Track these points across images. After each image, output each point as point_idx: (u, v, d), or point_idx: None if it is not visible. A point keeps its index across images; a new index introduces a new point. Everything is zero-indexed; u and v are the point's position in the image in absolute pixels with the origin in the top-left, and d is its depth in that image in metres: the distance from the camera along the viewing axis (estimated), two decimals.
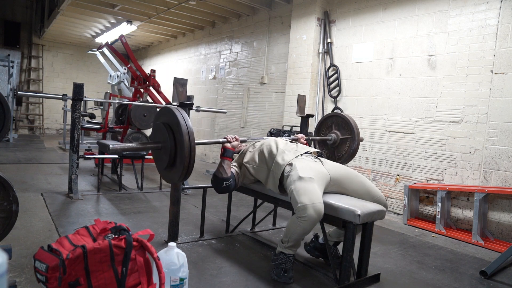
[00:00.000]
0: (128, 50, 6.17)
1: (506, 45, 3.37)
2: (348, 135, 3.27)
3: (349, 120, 3.27)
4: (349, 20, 4.81)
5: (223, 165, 2.42)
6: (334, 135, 3.33)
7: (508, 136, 3.34)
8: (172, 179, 2.18)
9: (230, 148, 2.48)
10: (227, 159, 2.45)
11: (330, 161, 2.48)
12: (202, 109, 4.66)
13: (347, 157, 3.27)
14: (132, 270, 1.55)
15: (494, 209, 3.42)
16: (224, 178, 2.41)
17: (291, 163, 2.30)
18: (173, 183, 2.70)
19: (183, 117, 2.05)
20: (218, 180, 2.43)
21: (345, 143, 3.30)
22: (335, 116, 3.43)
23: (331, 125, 3.41)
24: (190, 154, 1.99)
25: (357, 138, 3.22)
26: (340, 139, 3.30)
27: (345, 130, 3.30)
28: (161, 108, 2.24)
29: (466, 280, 2.49)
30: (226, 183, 2.42)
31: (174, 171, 2.10)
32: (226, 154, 2.46)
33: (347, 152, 3.27)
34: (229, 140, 2.50)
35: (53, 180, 4.54)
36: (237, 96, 6.78)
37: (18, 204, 1.72)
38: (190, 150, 1.99)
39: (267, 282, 2.20)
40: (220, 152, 2.50)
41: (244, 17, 6.76)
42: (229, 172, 2.43)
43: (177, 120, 2.03)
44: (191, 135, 2.01)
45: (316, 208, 2.02)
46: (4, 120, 1.80)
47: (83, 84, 3.83)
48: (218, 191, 2.51)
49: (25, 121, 10.29)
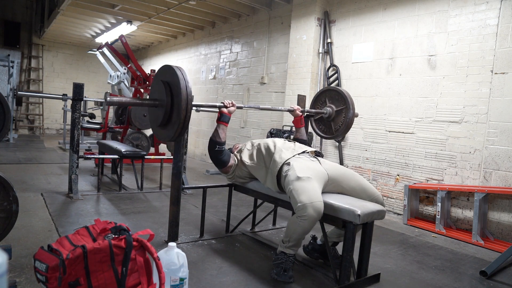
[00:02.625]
0: (128, 50, 6.17)
1: (506, 45, 3.37)
2: (343, 105, 3.26)
3: (342, 91, 3.25)
4: (349, 20, 4.81)
5: (219, 129, 2.53)
6: (329, 108, 3.32)
7: (508, 136, 3.34)
8: (167, 135, 2.28)
9: (226, 113, 2.57)
10: (223, 123, 2.55)
11: (328, 161, 2.50)
12: (202, 109, 4.66)
13: (343, 128, 3.25)
14: (132, 270, 1.54)
15: (494, 209, 3.42)
16: (218, 141, 2.51)
17: (289, 162, 2.31)
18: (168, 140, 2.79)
19: (182, 74, 2.17)
20: (212, 143, 2.54)
21: (341, 115, 3.27)
22: (328, 90, 3.39)
23: (325, 100, 3.38)
24: (187, 108, 2.12)
25: (352, 107, 3.19)
26: (335, 111, 3.29)
27: (339, 102, 3.29)
28: (161, 67, 2.38)
29: (466, 280, 2.49)
30: (219, 147, 2.52)
31: (170, 127, 2.23)
32: (223, 118, 2.55)
33: (343, 122, 3.25)
34: (225, 105, 2.58)
35: (53, 180, 4.54)
36: (237, 96, 6.78)
37: (18, 204, 1.72)
38: (187, 104, 2.12)
39: (267, 282, 2.20)
40: (217, 117, 2.58)
41: (244, 17, 6.76)
42: (223, 137, 2.53)
43: (176, 77, 2.14)
44: (189, 90, 2.13)
45: (315, 207, 2.03)
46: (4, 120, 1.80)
47: (83, 84, 3.83)
48: (211, 155, 2.59)
49: (25, 121, 10.29)
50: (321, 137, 3.55)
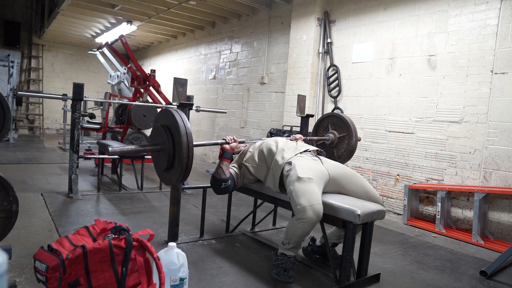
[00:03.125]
0: (128, 50, 6.17)
1: (506, 45, 3.37)
2: (345, 132, 3.27)
3: (344, 118, 3.27)
4: (349, 20, 4.81)
5: (222, 166, 2.42)
6: (332, 135, 3.33)
7: (508, 136, 3.34)
8: (170, 180, 2.19)
9: (228, 149, 2.48)
10: (225, 160, 2.45)
11: (330, 160, 2.48)
12: (202, 109, 4.66)
13: (346, 155, 3.27)
14: (132, 270, 1.54)
15: (494, 209, 3.42)
16: (222, 179, 2.41)
17: (290, 161, 2.30)
18: (172, 185, 2.70)
19: (182, 118, 2.06)
20: (216, 181, 2.43)
21: (343, 141, 3.29)
22: (331, 116, 3.43)
23: (328, 126, 3.40)
24: (188, 155, 2.00)
25: (355, 134, 3.21)
26: (337, 137, 3.30)
27: (342, 128, 3.31)
28: (161, 111, 2.25)
29: (466, 280, 2.49)
30: (224, 184, 2.41)
31: (173, 172, 2.11)
32: (225, 155, 2.46)
33: (346, 149, 3.27)
34: (227, 142, 2.50)
35: (53, 180, 4.54)
36: (237, 96, 6.78)
37: (18, 204, 1.72)
38: (188, 152, 2.00)
39: (267, 282, 2.20)
40: (219, 154, 2.50)
41: (244, 17, 6.76)
42: (227, 173, 2.42)
43: (175, 122, 2.04)
44: (189, 137, 2.01)
45: (315, 210, 2.03)
46: (4, 120, 1.80)
47: (83, 84, 3.83)
48: (216, 192, 2.50)
49: (25, 121, 10.29)
50: None
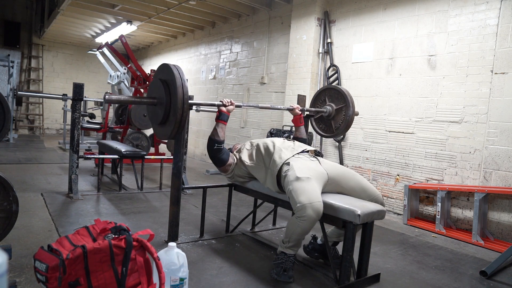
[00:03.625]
0: (128, 50, 6.17)
1: (506, 45, 3.37)
2: (342, 103, 3.25)
3: (341, 89, 3.26)
4: (349, 20, 4.81)
5: (217, 127, 2.52)
6: (329, 107, 3.32)
7: (508, 136, 3.34)
8: (165, 133, 2.28)
9: (225, 111, 2.56)
10: (221, 122, 2.54)
11: (328, 161, 2.50)
12: (202, 109, 4.66)
13: (344, 127, 3.25)
14: (132, 270, 1.55)
15: (494, 209, 3.42)
16: (217, 140, 2.51)
17: (288, 162, 2.31)
18: (166, 139, 2.78)
19: (179, 72, 2.18)
20: (211, 141, 2.53)
21: (341, 113, 3.27)
22: (328, 89, 3.40)
23: (325, 99, 3.38)
24: (183, 107, 2.10)
25: (352, 105, 3.19)
26: (335, 109, 3.29)
27: (339, 100, 3.29)
28: (160, 65, 2.37)
29: (466, 280, 2.49)
30: (218, 145, 2.51)
31: (168, 126, 2.22)
32: (221, 117, 2.55)
33: (343, 121, 3.25)
34: (224, 104, 2.58)
35: (53, 180, 4.54)
36: (237, 96, 6.78)
37: (18, 204, 1.72)
38: (183, 103, 2.10)
39: (267, 282, 2.20)
40: (216, 115, 2.57)
41: (244, 17, 6.76)
42: (222, 136, 2.53)
43: (172, 75, 2.14)
44: (185, 89, 2.12)
45: (314, 208, 2.03)
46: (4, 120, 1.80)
47: (83, 84, 3.83)
48: (210, 154, 2.58)
49: (25, 121, 10.29)
50: (321, 136, 3.55)
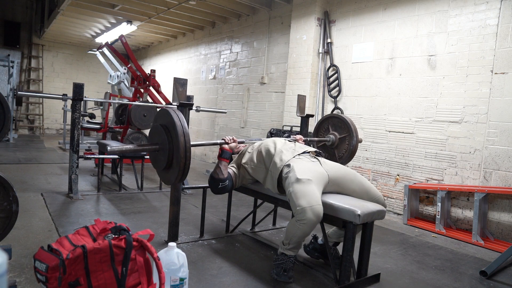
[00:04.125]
0: (128, 50, 6.17)
1: (506, 45, 3.37)
2: (346, 133, 3.27)
3: (345, 118, 3.28)
4: (349, 20, 4.81)
5: (220, 166, 2.43)
6: (332, 136, 3.34)
7: (508, 136, 3.34)
8: (169, 180, 2.20)
9: (227, 149, 2.48)
10: (224, 160, 2.45)
11: (329, 161, 2.48)
12: (202, 109, 4.66)
13: (347, 156, 3.27)
14: (132, 270, 1.54)
15: (494, 209, 3.42)
16: (220, 179, 2.41)
17: (289, 164, 2.29)
18: (170, 184, 2.71)
19: (179, 118, 2.08)
20: (214, 181, 2.44)
21: (344, 142, 3.30)
22: (331, 117, 3.43)
23: (328, 127, 3.41)
24: (185, 155, 2.02)
25: (355, 134, 3.21)
26: (338, 138, 3.30)
27: (343, 129, 3.31)
28: (159, 110, 2.27)
29: (466, 280, 2.49)
30: (222, 184, 2.42)
31: (172, 172, 2.13)
32: (224, 155, 2.46)
33: (347, 150, 3.27)
34: (227, 142, 2.51)
35: (53, 180, 4.54)
36: (237, 96, 6.78)
37: (18, 204, 1.72)
38: (186, 152, 2.01)
39: (267, 282, 2.20)
40: (218, 153, 2.50)
41: (244, 17, 6.76)
42: (225, 173, 2.43)
43: (173, 122, 2.05)
44: (187, 137, 2.03)
45: (314, 211, 2.02)
46: (4, 120, 1.80)
47: (83, 84, 3.83)
48: (214, 192, 2.51)
49: (25, 121, 10.29)
50: None
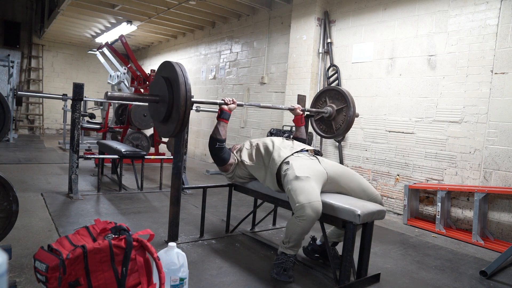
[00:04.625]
0: (128, 50, 6.17)
1: (506, 45, 3.37)
2: (343, 104, 3.26)
3: (342, 90, 3.26)
4: (349, 20, 4.81)
5: (219, 126, 2.50)
6: (330, 107, 3.32)
7: (508, 136, 3.34)
8: (168, 131, 2.29)
9: (226, 110, 2.55)
10: (223, 120, 2.52)
11: (327, 160, 2.50)
12: (202, 109, 4.65)
13: (344, 127, 3.24)
14: (132, 270, 1.54)
15: (494, 209, 3.42)
16: (218, 139, 2.49)
17: (288, 161, 2.31)
18: (169, 137, 2.78)
19: (181, 69, 2.16)
20: (212, 140, 2.52)
21: (341, 113, 3.27)
22: (329, 90, 3.39)
23: (326, 100, 3.38)
24: (185, 104, 2.11)
25: (352, 105, 3.18)
26: (335, 110, 3.29)
27: (340, 101, 3.29)
28: (162, 63, 2.36)
29: (466, 280, 2.49)
30: (219, 144, 2.50)
31: (170, 123, 2.21)
32: (223, 115, 2.53)
33: (344, 121, 3.24)
34: (226, 102, 2.57)
35: (53, 180, 4.54)
36: (237, 96, 6.78)
37: (18, 204, 1.72)
38: (186, 100, 2.11)
39: (267, 282, 2.20)
40: (217, 114, 2.56)
41: (244, 17, 6.76)
42: (224, 134, 2.51)
43: (175, 72, 2.14)
44: (188, 86, 2.11)
45: (313, 207, 2.03)
46: (4, 120, 1.80)
47: (83, 84, 3.83)
48: (211, 152, 2.57)
49: (25, 121, 10.29)
50: (322, 136, 3.55)
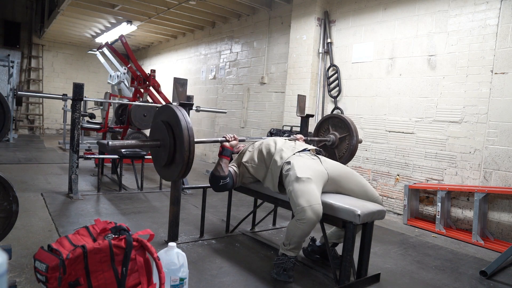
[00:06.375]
0: (128, 50, 6.17)
1: (506, 45, 3.37)
2: (346, 133, 3.27)
3: (345, 118, 3.28)
4: (349, 20, 4.80)
5: (221, 163, 2.45)
6: (333, 136, 3.34)
7: (508, 136, 3.34)
8: (171, 176, 2.21)
9: (228, 147, 2.50)
10: (225, 157, 2.47)
11: (329, 159, 2.49)
12: (202, 109, 4.66)
13: (347, 156, 3.27)
14: (132, 270, 1.54)
15: (494, 209, 3.42)
16: (221, 176, 2.44)
17: (289, 161, 2.30)
18: (172, 181, 2.71)
19: (182, 114, 2.10)
20: (215, 178, 2.46)
21: (344, 142, 3.30)
22: (331, 117, 3.43)
23: (328, 127, 3.41)
24: (189, 149, 2.03)
25: (355, 134, 3.22)
26: (338, 138, 3.30)
27: (343, 129, 3.31)
28: (160, 107, 2.28)
29: (466, 280, 2.49)
30: (223, 181, 2.44)
31: (173, 168, 2.14)
32: (224, 153, 2.49)
33: (347, 150, 3.27)
34: (227, 139, 2.52)
35: (53, 180, 4.54)
36: (237, 96, 6.78)
37: (18, 204, 1.72)
38: (190, 145, 2.03)
39: (267, 282, 2.20)
40: (219, 151, 2.52)
41: (244, 17, 6.76)
42: (226, 171, 2.45)
43: (176, 117, 2.07)
44: (190, 131, 2.05)
45: (314, 210, 2.03)
46: (4, 120, 1.80)
47: (83, 84, 3.83)
48: (215, 189, 2.53)
49: (25, 121, 10.29)
50: None
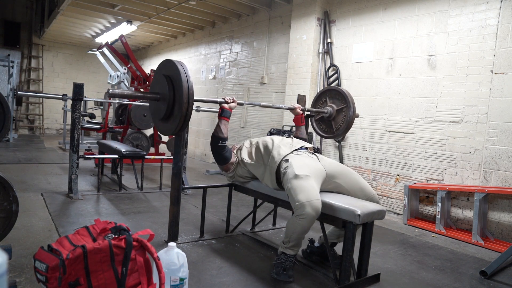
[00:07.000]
0: (128, 50, 6.17)
1: (506, 45, 3.37)
2: (343, 104, 3.26)
3: (342, 90, 3.26)
4: (349, 20, 4.81)
5: (220, 124, 2.53)
6: (330, 107, 3.33)
7: (508, 136, 3.34)
8: (169, 129, 2.29)
9: (227, 108, 2.57)
10: (224, 119, 2.55)
11: (326, 157, 2.51)
12: (202, 109, 4.66)
13: (344, 127, 3.25)
14: (132, 270, 1.54)
15: (494, 209, 3.42)
16: (220, 137, 2.51)
17: (287, 159, 2.32)
18: (171, 134, 2.77)
19: (183, 68, 2.17)
20: (215, 139, 2.54)
21: (341, 114, 3.28)
22: (329, 90, 3.40)
23: (326, 100, 3.39)
24: (188, 102, 2.11)
25: (352, 105, 3.19)
26: (336, 110, 3.29)
27: (340, 101, 3.29)
28: (162, 61, 2.37)
29: (466, 280, 2.49)
30: (222, 142, 2.52)
31: (172, 120, 2.22)
32: (224, 114, 2.56)
33: (344, 121, 3.25)
34: (227, 101, 2.59)
35: (53, 180, 4.54)
36: (237, 96, 6.78)
37: (18, 204, 1.72)
38: (189, 98, 2.10)
39: (267, 282, 2.20)
40: (218, 112, 2.58)
41: (244, 17, 6.76)
42: (225, 132, 2.53)
43: (177, 70, 2.14)
44: (190, 84, 2.13)
45: (313, 205, 2.04)
46: (4, 120, 1.80)
47: (83, 84, 3.83)
48: (213, 150, 2.58)
49: (25, 121, 10.29)
50: (322, 136, 3.55)
